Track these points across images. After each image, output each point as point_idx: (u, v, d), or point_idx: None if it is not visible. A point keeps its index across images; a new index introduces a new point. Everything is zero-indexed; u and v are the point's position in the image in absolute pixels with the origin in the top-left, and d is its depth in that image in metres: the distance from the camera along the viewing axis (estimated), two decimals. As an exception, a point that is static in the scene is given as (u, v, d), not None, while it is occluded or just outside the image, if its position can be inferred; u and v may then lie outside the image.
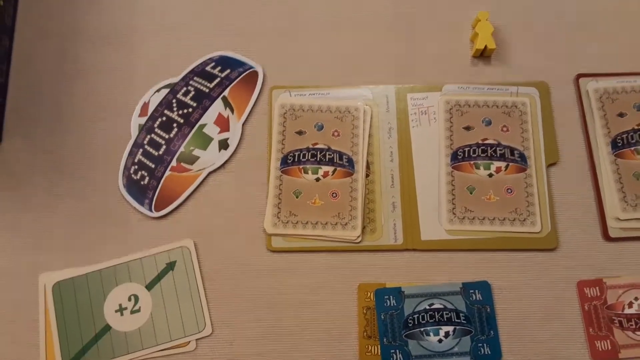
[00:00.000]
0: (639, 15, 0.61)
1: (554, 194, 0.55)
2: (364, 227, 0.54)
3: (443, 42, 0.61)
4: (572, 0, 0.62)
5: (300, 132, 0.57)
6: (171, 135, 0.57)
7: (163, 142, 0.57)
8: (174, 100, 0.58)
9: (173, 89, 0.59)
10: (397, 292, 0.52)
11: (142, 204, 0.55)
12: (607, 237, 0.54)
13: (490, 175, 0.56)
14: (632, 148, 0.56)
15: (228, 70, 0.60)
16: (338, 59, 0.60)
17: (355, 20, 0.62)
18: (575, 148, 0.57)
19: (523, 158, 0.56)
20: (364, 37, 0.61)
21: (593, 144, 0.56)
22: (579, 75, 0.59)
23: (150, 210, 0.55)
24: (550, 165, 0.56)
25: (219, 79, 0.59)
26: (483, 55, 0.60)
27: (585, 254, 0.53)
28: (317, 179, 0.56)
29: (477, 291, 0.52)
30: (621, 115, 0.57)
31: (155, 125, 0.57)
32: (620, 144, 0.56)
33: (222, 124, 0.58)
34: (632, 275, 0.52)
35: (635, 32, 0.60)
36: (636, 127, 0.56)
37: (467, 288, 0.52)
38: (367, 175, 0.56)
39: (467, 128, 0.57)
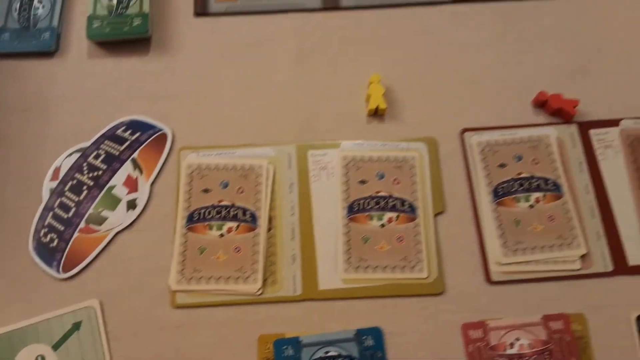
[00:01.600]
0: (517, 71, 0.66)
1: (441, 241, 0.60)
2: (265, 280, 0.57)
3: (342, 102, 0.65)
4: (458, 61, 0.67)
5: (206, 190, 0.61)
6: (81, 197, 0.60)
7: (73, 204, 0.59)
8: (84, 164, 0.61)
9: (84, 153, 0.62)
10: (295, 342, 0.55)
11: (50, 265, 0.57)
12: (489, 280, 0.58)
13: (383, 225, 0.60)
14: (512, 196, 0.61)
15: (138, 133, 0.63)
16: (244, 119, 0.64)
17: (260, 83, 0.66)
18: (461, 198, 0.61)
19: (412, 208, 0.60)
20: (268, 99, 0.65)
21: (476, 193, 0.61)
22: (464, 130, 0.64)
23: (58, 271, 0.57)
24: (437, 214, 0.61)
25: (129, 142, 0.62)
26: (377, 114, 0.65)
27: (470, 297, 0.57)
28: (221, 235, 0.59)
29: (369, 337, 0.56)
30: (502, 165, 0.62)
31: (66, 189, 0.60)
32: (500, 193, 0.61)
33: (131, 184, 0.61)
34: (513, 316, 0.57)
35: (514, 87, 0.66)
36: (516, 177, 0.62)
37: (360, 334, 0.56)
38: (269, 230, 0.59)
39: (362, 182, 0.62)
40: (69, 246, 0.58)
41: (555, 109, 0.64)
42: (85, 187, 0.60)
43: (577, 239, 0.59)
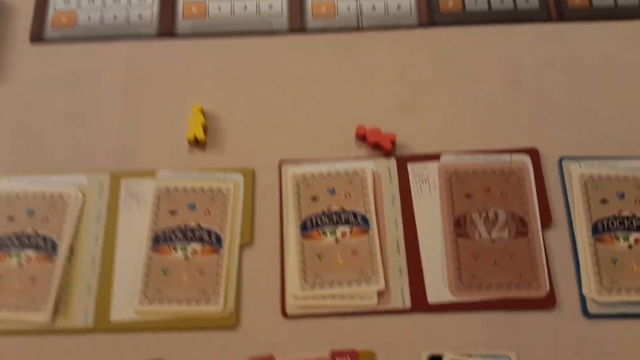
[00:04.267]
0: (347, 104, 0.67)
1: (244, 274, 0.59)
2: (56, 309, 0.57)
3: (165, 132, 0.66)
4: (288, 92, 0.68)
5: (10, 218, 0.61)
6: None
7: None
8: None
9: None
10: (78, 373, 0.55)
11: None
12: (285, 314, 0.58)
13: (187, 258, 0.60)
14: (319, 230, 0.61)
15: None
16: (58, 145, 0.65)
17: (86, 112, 0.66)
18: (271, 231, 0.61)
19: (219, 240, 0.60)
20: (91, 128, 0.66)
21: (285, 226, 0.61)
22: (282, 162, 0.64)
23: None
24: (244, 246, 0.61)
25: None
26: (198, 144, 0.65)
27: (263, 332, 0.57)
28: (20, 265, 0.59)
29: (154, 370, 0.55)
30: (314, 199, 0.62)
31: None
32: (308, 226, 0.61)
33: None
34: (304, 350, 0.56)
35: (343, 120, 0.66)
36: (326, 210, 0.62)
37: (145, 368, 0.55)
38: (70, 259, 0.59)
39: (172, 212, 0.62)
40: None
41: (373, 143, 0.64)
42: None
43: (377, 274, 0.59)
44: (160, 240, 0.60)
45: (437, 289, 0.58)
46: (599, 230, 0.59)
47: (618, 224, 0.59)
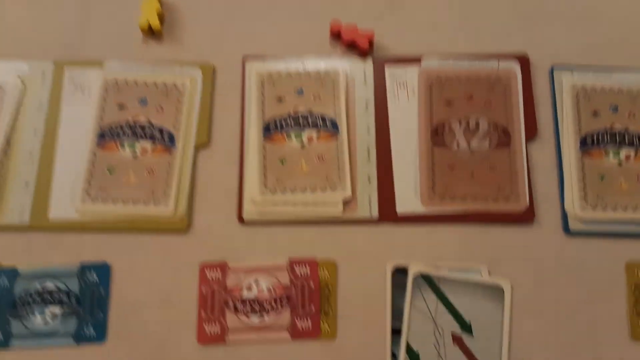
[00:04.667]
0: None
1: (198, 176, 0.54)
2: (-10, 205, 0.52)
3: (114, 16, 0.59)
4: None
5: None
6: None
7: None
8: None
9: None
10: (11, 273, 0.50)
11: None
12: (241, 220, 0.53)
13: (135, 156, 0.54)
14: (283, 133, 0.55)
15: None
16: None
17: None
18: (230, 132, 0.56)
19: (172, 139, 0.55)
20: (30, 7, 0.59)
21: (246, 128, 0.56)
22: (246, 57, 0.58)
23: None
24: (199, 147, 0.55)
25: None
26: (154, 33, 0.58)
27: (217, 237, 0.53)
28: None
29: (94, 273, 0.51)
30: (279, 99, 0.56)
31: None
32: (271, 129, 0.55)
33: None
34: (258, 258, 0.52)
35: (316, 15, 0.59)
36: (292, 113, 0.56)
37: (84, 269, 0.51)
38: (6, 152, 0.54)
39: (121, 107, 0.56)
40: None
41: (348, 41, 0.58)
42: None
43: (344, 182, 0.54)
44: (106, 136, 0.54)
45: (408, 200, 0.54)
46: (587, 144, 0.54)
47: (609, 139, 0.54)
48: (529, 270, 0.51)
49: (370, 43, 0.58)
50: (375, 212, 0.53)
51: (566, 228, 0.52)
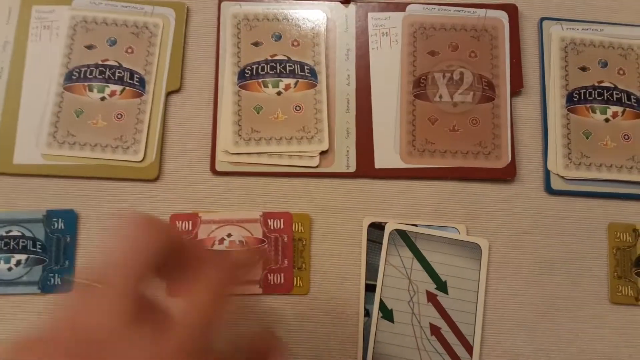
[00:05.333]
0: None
1: (169, 123, 0.52)
2: (-50, 147, 0.50)
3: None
4: None
5: None
6: None
7: None
8: None
9: None
10: (-27, 218, 0.49)
11: None
12: (214, 170, 0.51)
13: (103, 98, 0.52)
14: (259, 80, 0.53)
15: None
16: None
17: None
18: (204, 77, 0.53)
19: (142, 83, 0.52)
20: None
21: (220, 73, 0.53)
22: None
23: None
24: (171, 92, 0.53)
25: None
26: (125, -30, 0.55)
27: (189, 187, 0.51)
28: None
29: (60, 220, 0.49)
30: (256, 44, 0.54)
31: None
32: (247, 76, 0.53)
33: None
34: (231, 210, 0.50)
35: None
36: (269, 59, 0.53)
37: (50, 216, 0.49)
38: (-31, 92, 0.51)
39: (89, 47, 0.53)
40: None
41: (330, -15, 0.55)
42: None
43: (321, 133, 0.52)
44: (73, 78, 0.52)
45: (387, 154, 0.52)
46: (574, 100, 0.53)
47: (597, 95, 0.53)
48: (507, 229, 0.50)
49: (354, -13, 0.55)
50: (352, 166, 0.52)
51: (548, 187, 0.51)
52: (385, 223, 0.50)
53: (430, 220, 0.50)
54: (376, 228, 0.50)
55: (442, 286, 0.49)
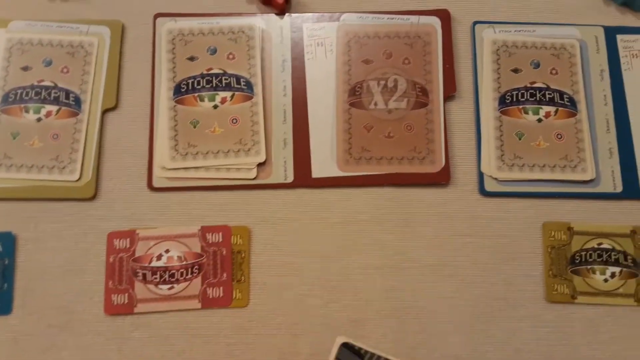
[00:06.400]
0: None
1: (106, 141, 0.52)
2: None
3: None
4: None
5: None
6: None
7: None
8: None
9: None
10: None
11: None
12: (151, 187, 0.51)
13: (39, 119, 0.52)
14: (195, 94, 0.53)
15: None
16: None
17: None
18: (140, 94, 0.54)
19: (78, 102, 0.53)
20: None
21: (156, 89, 0.54)
22: (157, 15, 0.55)
23: None
24: (107, 110, 0.53)
25: None
26: (59, -10, 0.55)
27: (126, 204, 0.51)
28: None
29: (-3, 243, 0.49)
30: (191, 59, 0.54)
31: None
32: (183, 90, 0.53)
33: None
34: (168, 226, 0.51)
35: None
36: (205, 72, 0.54)
37: (-13, 239, 0.49)
38: None
39: (25, 68, 0.53)
40: None
41: (264, -3, 0.55)
42: None
43: (258, 145, 0.52)
44: (9, 100, 0.52)
45: (324, 163, 0.52)
46: (506, 102, 0.53)
47: (529, 96, 0.53)
48: (443, 233, 0.51)
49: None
50: (290, 177, 0.52)
51: (482, 189, 0.52)
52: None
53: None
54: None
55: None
